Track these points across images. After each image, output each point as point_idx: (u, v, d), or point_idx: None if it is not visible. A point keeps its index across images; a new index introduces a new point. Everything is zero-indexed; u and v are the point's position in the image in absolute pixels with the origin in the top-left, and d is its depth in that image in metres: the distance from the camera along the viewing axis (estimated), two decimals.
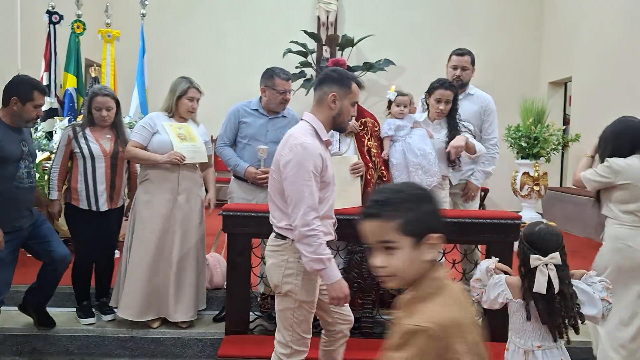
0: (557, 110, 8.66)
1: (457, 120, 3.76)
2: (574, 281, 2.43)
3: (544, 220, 3.50)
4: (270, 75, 3.78)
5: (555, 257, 2.36)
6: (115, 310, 3.79)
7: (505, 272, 2.60)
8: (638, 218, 3.16)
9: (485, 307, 2.59)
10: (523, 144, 6.01)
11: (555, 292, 2.34)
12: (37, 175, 3.66)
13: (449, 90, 3.69)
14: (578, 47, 7.75)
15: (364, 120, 3.75)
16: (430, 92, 3.77)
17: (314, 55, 8.64)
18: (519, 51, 8.95)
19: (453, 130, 3.73)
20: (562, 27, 8.26)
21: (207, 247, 3.96)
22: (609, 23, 6.90)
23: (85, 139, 3.67)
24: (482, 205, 7.67)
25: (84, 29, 5.61)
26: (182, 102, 3.72)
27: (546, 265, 2.35)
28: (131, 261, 3.66)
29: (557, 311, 2.36)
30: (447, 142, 3.71)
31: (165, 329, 3.73)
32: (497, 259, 2.67)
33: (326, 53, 8.58)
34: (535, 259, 2.37)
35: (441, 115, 3.75)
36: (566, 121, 8.43)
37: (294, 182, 2.45)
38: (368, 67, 8.48)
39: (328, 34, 8.66)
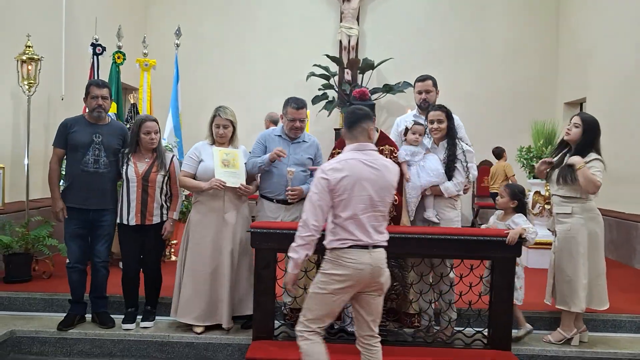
0: None
1: (456, 141, 4.07)
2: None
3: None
4: (285, 103, 4.21)
5: None
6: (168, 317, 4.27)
7: None
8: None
9: None
10: (534, 164, 6.27)
11: None
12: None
13: (438, 111, 4.07)
14: (593, 70, 8.01)
15: (382, 147, 4.09)
16: (426, 117, 4.14)
17: (336, 78, 9.04)
18: (536, 74, 9.24)
19: (450, 149, 4.05)
20: (578, 50, 8.52)
21: None
22: (624, 47, 7.16)
23: (127, 164, 4.14)
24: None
25: (124, 59, 6.08)
26: (213, 130, 4.18)
27: None
28: (186, 273, 4.13)
29: None
30: (447, 160, 4.04)
31: (197, 335, 4.12)
32: None
33: (347, 76, 8.99)
34: None
35: (437, 134, 4.08)
36: None
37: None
38: (388, 89, 8.85)
39: (349, 57, 9.07)
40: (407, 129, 4.14)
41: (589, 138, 3.98)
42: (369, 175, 2.95)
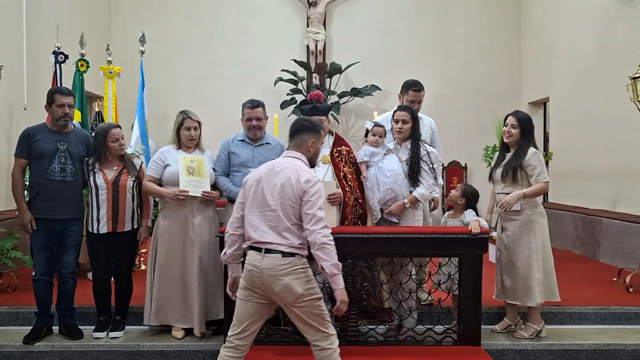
0: (538, 129, 9.04)
1: (419, 143, 4.11)
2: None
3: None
4: (242, 106, 4.29)
5: None
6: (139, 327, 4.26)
7: None
8: None
9: None
10: None
11: None
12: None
13: (404, 111, 4.13)
14: (554, 68, 8.18)
15: (339, 148, 4.14)
16: (392, 116, 4.19)
17: (304, 82, 9.06)
18: (499, 74, 9.40)
19: (414, 151, 4.08)
20: (539, 49, 8.69)
21: None
22: (584, 43, 7.29)
23: (94, 172, 4.09)
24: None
25: (88, 67, 5.99)
26: (181, 134, 4.19)
27: None
28: (157, 279, 4.12)
29: None
30: (410, 162, 4.06)
31: (168, 342, 4.09)
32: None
33: (315, 80, 9.01)
34: None
35: (400, 134, 4.13)
36: (547, 140, 8.84)
37: (315, 205, 2.90)
38: (356, 92, 8.90)
39: (317, 62, 9.08)
40: (367, 131, 4.19)
41: (527, 137, 4.09)
42: (267, 177, 3.01)
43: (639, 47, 5.74)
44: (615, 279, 5.49)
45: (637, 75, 5.23)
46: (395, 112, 4.18)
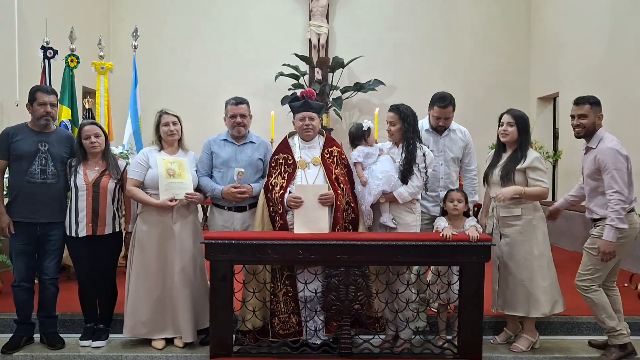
0: (547, 125, 8.81)
1: (414, 143, 3.82)
2: None
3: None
4: (225, 104, 4.11)
5: None
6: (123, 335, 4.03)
7: None
8: None
9: None
10: None
11: None
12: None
13: (391, 112, 3.88)
14: (564, 64, 7.91)
15: (330, 149, 3.91)
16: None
17: (306, 77, 8.83)
18: (507, 68, 9.12)
19: (405, 152, 3.80)
20: (549, 44, 8.42)
21: None
22: (594, 39, 7.06)
23: (76, 172, 3.90)
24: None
25: (78, 62, 5.80)
26: (161, 131, 3.99)
27: None
28: (133, 285, 3.91)
29: None
30: (402, 164, 3.79)
31: (152, 353, 3.89)
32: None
33: (318, 75, 8.78)
34: None
35: (390, 136, 3.90)
36: (556, 135, 8.56)
37: None
38: (359, 87, 8.66)
39: (319, 56, 8.85)
40: (363, 132, 3.94)
41: (524, 135, 3.86)
42: None
43: None
44: (626, 284, 5.24)
45: None
46: (387, 114, 3.93)
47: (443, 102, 4.15)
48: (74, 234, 3.89)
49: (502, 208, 3.88)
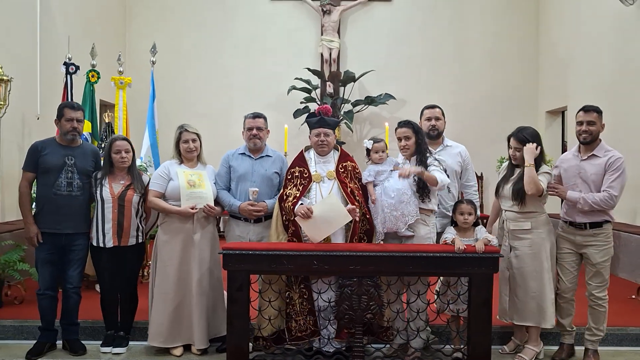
0: (555, 138, 8.90)
1: (427, 155, 3.95)
2: None
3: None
4: (244, 118, 4.30)
5: None
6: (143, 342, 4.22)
7: None
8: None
9: None
10: None
11: None
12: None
13: (404, 127, 3.99)
14: (573, 78, 8.00)
15: (345, 164, 4.04)
16: (395, 132, 4.09)
17: (318, 91, 8.99)
18: (516, 81, 9.23)
19: (421, 162, 3.90)
20: (558, 58, 8.51)
21: None
22: (602, 55, 7.15)
23: (101, 185, 4.07)
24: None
25: (99, 78, 5.99)
26: (181, 147, 4.15)
27: None
28: (155, 295, 4.07)
29: None
30: (418, 177, 3.85)
31: (177, 357, 4.05)
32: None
33: (329, 88, 8.94)
34: None
35: (406, 151, 4.01)
36: (565, 149, 8.64)
37: None
38: (370, 101, 8.80)
39: (331, 70, 9.01)
40: (368, 150, 4.06)
41: (539, 152, 3.93)
42: None
43: None
44: (634, 297, 5.31)
45: None
46: (396, 129, 4.05)
47: (430, 106, 4.53)
48: (101, 244, 4.05)
49: (512, 221, 4.00)
